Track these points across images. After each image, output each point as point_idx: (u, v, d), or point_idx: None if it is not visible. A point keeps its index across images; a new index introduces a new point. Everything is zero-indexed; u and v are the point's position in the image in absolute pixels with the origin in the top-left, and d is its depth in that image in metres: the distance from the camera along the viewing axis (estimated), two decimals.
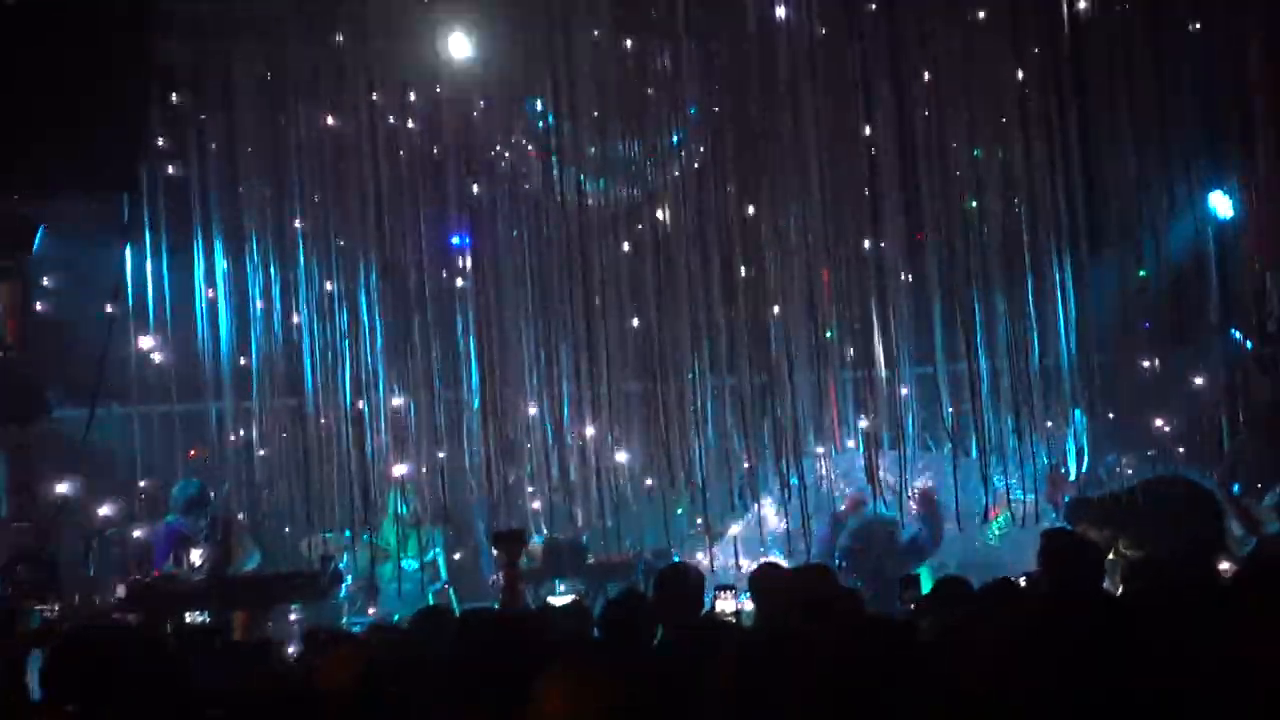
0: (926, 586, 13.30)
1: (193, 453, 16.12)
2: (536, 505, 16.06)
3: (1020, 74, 16.04)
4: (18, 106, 11.33)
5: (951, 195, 16.18)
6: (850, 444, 16.54)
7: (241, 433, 16.02)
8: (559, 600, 13.52)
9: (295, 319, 15.81)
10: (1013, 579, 11.10)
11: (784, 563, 14.14)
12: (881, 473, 15.96)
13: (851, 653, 5.48)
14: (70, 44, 11.34)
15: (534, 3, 15.35)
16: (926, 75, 16.11)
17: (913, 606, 10.77)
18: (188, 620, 13.16)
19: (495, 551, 14.18)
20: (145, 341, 15.76)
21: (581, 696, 5.46)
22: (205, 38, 15.25)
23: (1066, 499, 15.80)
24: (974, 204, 16.19)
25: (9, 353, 15.28)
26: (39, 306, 15.77)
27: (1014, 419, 16.09)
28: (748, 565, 15.47)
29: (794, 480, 15.94)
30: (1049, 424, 16.32)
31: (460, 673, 6.15)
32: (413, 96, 15.81)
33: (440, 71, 15.63)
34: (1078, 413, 16.39)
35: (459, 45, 15.49)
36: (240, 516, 15.54)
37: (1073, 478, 16.36)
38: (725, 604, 11.44)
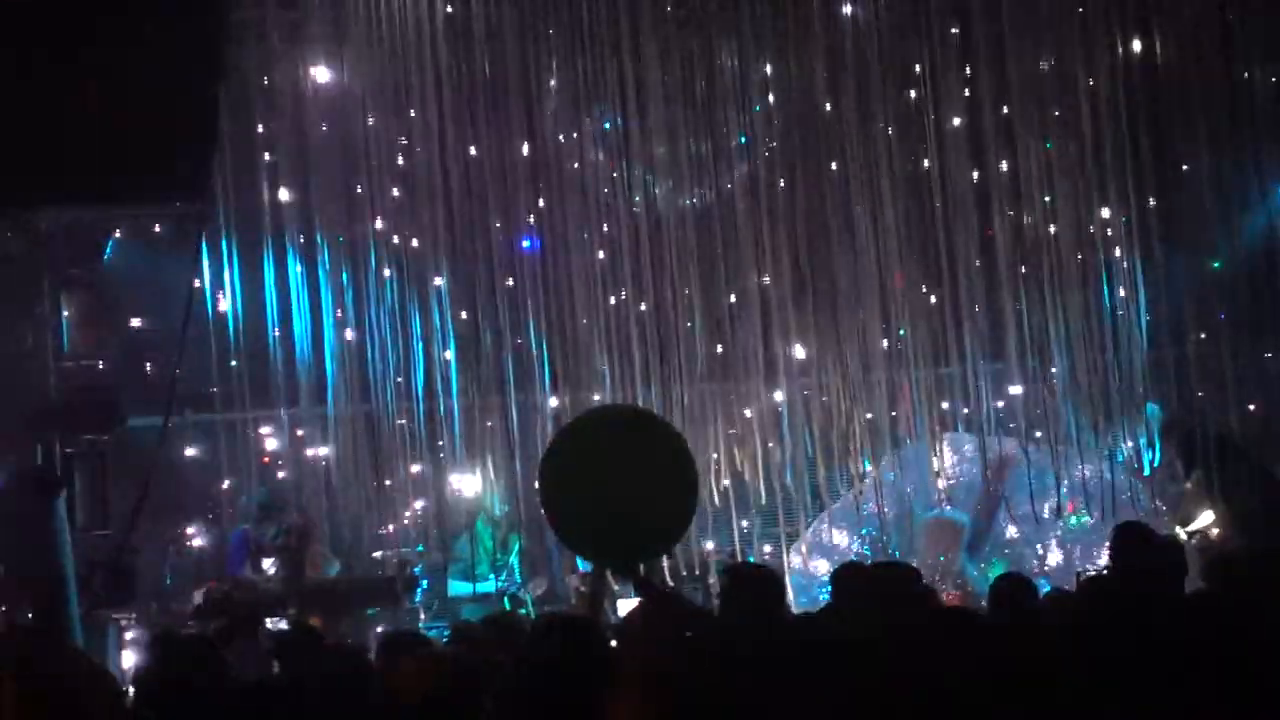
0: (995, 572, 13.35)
1: (265, 460, 16.15)
2: None
3: (1090, 65, 15.98)
4: (89, 117, 11.36)
5: (1023, 188, 16.11)
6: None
7: (315, 440, 16.05)
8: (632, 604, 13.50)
9: (367, 324, 15.82)
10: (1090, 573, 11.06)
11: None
12: (952, 463, 16.02)
13: (933, 644, 5.46)
14: (141, 53, 11.36)
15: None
16: (996, 67, 16.05)
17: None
18: (269, 625, 13.27)
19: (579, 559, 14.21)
20: (218, 349, 15.75)
21: (649, 711, 5.47)
22: (275, 44, 15.31)
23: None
24: (1046, 198, 16.12)
25: (83, 362, 15.34)
26: (112, 315, 15.82)
27: (1089, 413, 16.03)
28: (821, 566, 15.52)
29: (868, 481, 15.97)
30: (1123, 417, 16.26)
31: (533, 680, 6.13)
32: (482, 102, 15.77)
33: (507, 75, 15.66)
34: (1151, 406, 16.30)
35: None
36: (323, 526, 15.58)
37: (1147, 471, 16.26)
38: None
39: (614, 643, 8.18)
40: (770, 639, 7.05)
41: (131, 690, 7.05)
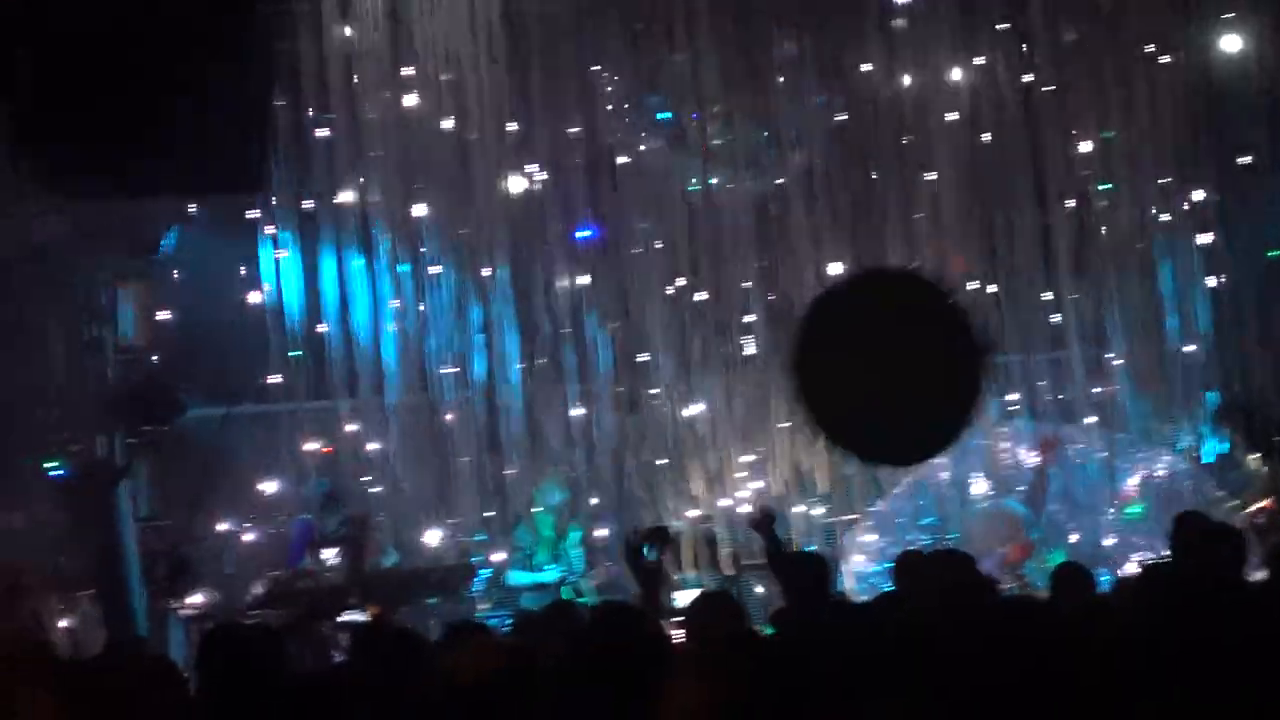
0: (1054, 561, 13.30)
1: (328, 450, 16.16)
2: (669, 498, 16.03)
3: (1149, 50, 15.94)
4: (141, 109, 11.43)
5: (1081, 176, 16.10)
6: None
7: (375, 430, 16.06)
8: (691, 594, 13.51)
9: (424, 314, 15.85)
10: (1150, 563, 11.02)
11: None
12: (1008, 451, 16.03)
13: (997, 634, 5.45)
14: (191, 44, 11.42)
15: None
16: (1054, 52, 16.03)
17: None
18: (343, 620, 13.35)
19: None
20: (276, 339, 15.76)
21: (703, 696, 5.48)
22: (325, 34, 15.30)
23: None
24: (1107, 186, 16.09)
25: (143, 353, 15.42)
26: (170, 306, 15.86)
27: (1149, 401, 16.00)
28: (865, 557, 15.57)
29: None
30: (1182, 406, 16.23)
31: (587, 665, 6.15)
32: (538, 92, 15.79)
33: (565, 66, 15.69)
34: (1210, 395, 16.24)
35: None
36: (379, 517, 15.58)
37: (1206, 460, 16.21)
38: None
39: (677, 632, 8.22)
40: (827, 625, 7.05)
41: (193, 680, 7.08)
